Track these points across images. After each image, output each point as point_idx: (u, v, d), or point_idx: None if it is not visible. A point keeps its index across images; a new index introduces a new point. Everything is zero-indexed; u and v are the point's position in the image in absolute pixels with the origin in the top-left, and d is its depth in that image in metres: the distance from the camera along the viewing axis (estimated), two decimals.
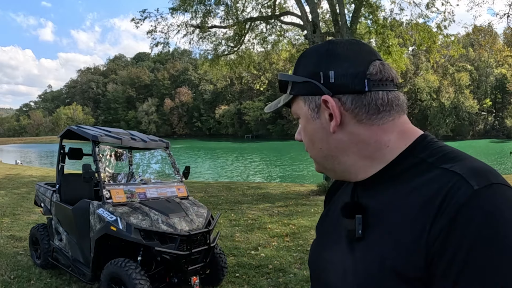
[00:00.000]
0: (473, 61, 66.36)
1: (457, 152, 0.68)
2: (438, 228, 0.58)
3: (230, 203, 9.57)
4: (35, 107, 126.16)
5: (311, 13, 10.67)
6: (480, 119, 65.60)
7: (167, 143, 4.76)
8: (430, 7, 11.64)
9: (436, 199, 0.60)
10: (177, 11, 12.27)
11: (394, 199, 0.68)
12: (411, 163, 0.69)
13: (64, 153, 4.84)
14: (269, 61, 14.57)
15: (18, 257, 5.26)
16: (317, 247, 0.87)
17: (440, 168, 0.65)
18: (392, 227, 0.65)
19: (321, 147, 0.76)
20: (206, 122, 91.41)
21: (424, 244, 0.59)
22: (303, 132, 0.80)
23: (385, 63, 0.74)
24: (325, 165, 0.79)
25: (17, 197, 10.35)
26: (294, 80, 0.77)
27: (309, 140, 0.79)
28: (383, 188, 0.71)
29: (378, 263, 0.65)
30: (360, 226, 0.69)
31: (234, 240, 6.19)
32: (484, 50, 46.02)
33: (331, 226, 0.84)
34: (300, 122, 0.80)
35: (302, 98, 0.76)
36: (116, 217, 3.56)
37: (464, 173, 0.61)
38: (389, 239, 0.65)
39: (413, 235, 0.61)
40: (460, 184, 0.59)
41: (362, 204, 0.72)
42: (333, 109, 0.71)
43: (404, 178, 0.69)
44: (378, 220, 0.68)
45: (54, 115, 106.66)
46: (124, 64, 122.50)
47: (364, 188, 0.75)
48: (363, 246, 0.69)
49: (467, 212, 0.57)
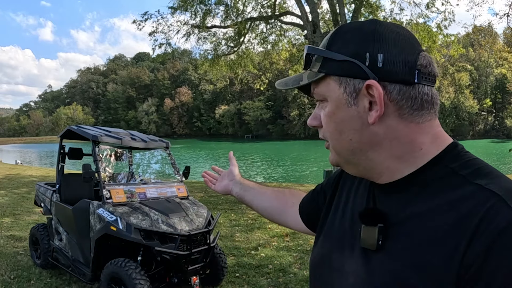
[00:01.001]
0: (473, 61, 66.37)
1: (490, 167, 0.63)
2: (474, 253, 0.53)
3: (230, 203, 9.56)
4: (35, 107, 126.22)
5: (311, 13, 10.67)
6: (480, 119, 65.63)
7: (167, 143, 4.76)
8: (430, 7, 11.65)
9: (472, 220, 0.55)
10: (177, 10, 12.28)
11: (422, 211, 0.62)
12: (442, 172, 0.63)
13: (64, 153, 4.84)
14: (269, 61, 14.57)
15: (18, 257, 5.26)
16: (323, 249, 0.80)
17: (474, 184, 0.59)
18: (419, 242, 0.59)
19: (351, 138, 0.67)
20: (206, 122, 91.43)
21: (456, 268, 0.54)
22: (328, 118, 0.69)
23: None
24: (349, 159, 0.70)
25: (17, 197, 10.35)
26: (331, 57, 0.66)
27: (335, 129, 0.69)
28: (409, 197, 0.65)
29: (400, 280, 0.59)
30: (381, 236, 0.64)
31: (234, 240, 6.19)
32: (484, 50, 46.04)
33: (341, 229, 0.77)
34: (325, 106, 0.70)
35: (337, 79, 0.66)
36: (116, 217, 3.55)
37: (503, 194, 0.56)
38: (414, 255, 0.59)
39: (443, 257, 0.56)
40: (499, 206, 0.54)
41: (383, 212, 0.66)
42: (379, 96, 0.62)
43: (433, 188, 0.63)
44: (401, 231, 0.63)
45: (54, 115, 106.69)
46: (124, 64, 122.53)
47: (385, 192, 0.69)
48: (382, 257, 0.63)
49: (507, 239, 0.52)
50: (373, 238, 0.64)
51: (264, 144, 60.41)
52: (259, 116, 77.42)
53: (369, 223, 0.66)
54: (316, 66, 0.68)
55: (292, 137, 72.57)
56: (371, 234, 0.65)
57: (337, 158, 0.72)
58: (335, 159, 0.73)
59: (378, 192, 0.70)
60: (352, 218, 0.74)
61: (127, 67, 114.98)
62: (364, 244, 0.66)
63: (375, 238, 0.64)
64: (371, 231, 0.65)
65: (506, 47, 16.90)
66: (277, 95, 75.48)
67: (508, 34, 17.12)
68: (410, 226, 0.62)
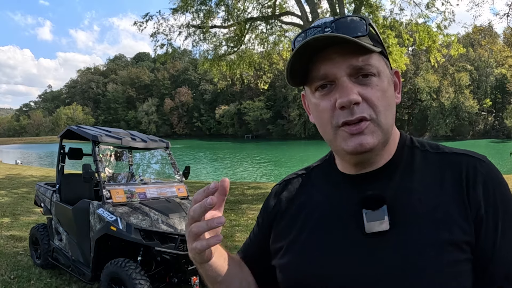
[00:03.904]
0: (473, 61, 66.35)
1: (431, 142, 0.79)
2: (476, 197, 0.67)
3: (230, 203, 9.56)
4: (35, 107, 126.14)
5: (311, 13, 10.67)
6: (480, 119, 65.59)
7: (167, 143, 4.76)
8: (430, 7, 11.65)
9: (461, 177, 0.69)
10: (178, 11, 12.28)
11: (413, 185, 0.71)
12: (412, 152, 0.76)
13: (64, 153, 4.84)
14: (269, 61, 14.57)
15: (18, 257, 5.26)
16: (314, 253, 0.73)
17: (440, 153, 0.74)
18: (428, 206, 0.67)
19: (393, 114, 0.72)
20: (206, 122, 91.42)
21: (469, 210, 0.66)
22: (382, 93, 0.69)
23: None
24: (387, 137, 0.72)
25: (17, 197, 10.35)
26: (380, 40, 0.73)
27: (388, 104, 0.70)
28: (395, 177, 0.72)
29: (431, 241, 0.65)
30: (388, 216, 0.68)
31: (234, 240, 6.19)
32: (484, 50, 46.05)
33: (330, 227, 0.74)
34: (370, 82, 0.68)
35: (384, 59, 0.72)
36: (116, 217, 3.55)
37: (466, 152, 0.73)
38: (431, 217, 0.66)
39: (458, 207, 0.67)
40: (472, 161, 0.71)
41: (382, 195, 0.70)
42: (400, 82, 0.78)
43: (412, 166, 0.74)
44: (403, 205, 0.69)
45: (54, 115, 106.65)
46: (124, 64, 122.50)
47: (370, 181, 0.73)
48: (400, 231, 0.67)
49: (492, 179, 0.69)
50: (382, 219, 0.68)
51: (263, 144, 60.36)
52: (259, 116, 77.40)
53: (374, 207, 0.69)
54: (365, 40, 0.68)
55: (292, 137, 72.53)
56: (379, 216, 0.68)
57: (380, 137, 0.69)
58: (378, 138, 0.69)
59: (357, 182, 0.74)
60: (339, 217, 0.73)
61: (127, 67, 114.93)
62: (373, 228, 0.68)
63: (386, 219, 0.67)
64: (378, 214, 0.68)
65: (506, 47, 16.89)
66: (277, 95, 75.48)
67: (508, 34, 17.11)
68: (408, 198, 0.69)
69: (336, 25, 0.68)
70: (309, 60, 0.69)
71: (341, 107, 0.67)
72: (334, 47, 0.66)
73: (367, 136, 0.67)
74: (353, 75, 0.67)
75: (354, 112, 0.66)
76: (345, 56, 0.66)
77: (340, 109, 0.67)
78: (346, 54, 0.66)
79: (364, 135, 0.67)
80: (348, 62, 0.67)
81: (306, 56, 0.68)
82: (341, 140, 0.69)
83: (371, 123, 0.67)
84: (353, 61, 0.66)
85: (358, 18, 0.69)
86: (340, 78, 0.67)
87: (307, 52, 0.67)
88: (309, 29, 0.71)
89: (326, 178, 0.81)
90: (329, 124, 0.70)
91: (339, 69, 0.67)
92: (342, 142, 0.69)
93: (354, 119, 0.66)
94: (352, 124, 0.67)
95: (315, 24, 0.71)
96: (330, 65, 0.67)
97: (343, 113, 0.67)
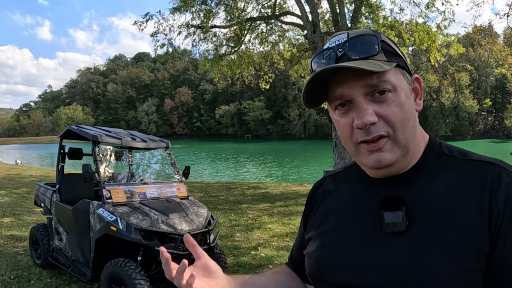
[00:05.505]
0: (473, 61, 66.38)
1: (460, 147, 0.78)
2: (497, 205, 0.66)
3: (230, 203, 9.56)
4: (35, 107, 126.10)
5: (311, 13, 10.66)
6: (480, 119, 65.62)
7: (167, 143, 4.76)
8: (430, 7, 11.64)
9: (485, 184, 0.68)
10: (178, 11, 12.27)
11: (435, 190, 0.72)
12: (438, 158, 0.76)
13: (64, 153, 4.84)
14: (270, 61, 14.56)
15: (18, 257, 5.26)
16: (337, 245, 0.79)
17: (467, 160, 0.74)
18: (447, 212, 0.68)
19: (413, 124, 0.73)
20: (206, 122, 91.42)
21: (486, 220, 0.66)
22: (400, 108, 0.70)
23: None
24: (408, 149, 0.73)
25: (17, 197, 10.35)
26: (397, 52, 0.73)
27: (405, 118, 0.70)
28: (418, 182, 0.74)
29: (444, 247, 0.66)
30: (406, 218, 0.70)
31: (234, 240, 6.19)
32: (484, 50, 46.04)
33: (347, 228, 0.79)
34: (386, 99, 0.69)
35: (401, 70, 0.73)
36: (116, 217, 3.55)
37: (493, 161, 0.72)
38: (449, 223, 0.67)
39: (477, 216, 0.66)
40: (497, 170, 0.70)
41: (402, 197, 0.72)
42: (422, 87, 0.78)
43: (436, 171, 0.74)
44: (422, 209, 0.70)
45: (54, 115, 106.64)
46: (124, 64, 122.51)
47: (397, 183, 0.75)
48: (415, 234, 0.69)
49: None
50: (399, 221, 0.70)
51: (263, 144, 60.33)
52: (259, 116, 77.42)
53: (393, 209, 0.71)
54: (379, 58, 0.70)
55: (292, 137, 72.53)
56: (397, 218, 0.71)
57: (399, 153, 0.71)
58: (397, 154, 0.71)
59: (382, 184, 0.77)
60: (361, 216, 0.78)
61: (127, 67, 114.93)
62: (391, 229, 0.71)
63: (403, 220, 0.70)
64: (396, 216, 0.71)
65: (506, 47, 16.89)
66: (277, 95, 75.48)
67: (508, 34, 17.10)
68: (428, 203, 0.71)
69: (350, 44, 0.70)
70: (324, 84, 0.73)
71: (358, 128, 0.70)
72: (348, 69, 0.69)
73: (385, 153, 0.71)
74: (369, 94, 0.70)
75: (370, 132, 0.70)
76: (359, 77, 0.69)
77: (357, 129, 0.71)
78: (360, 75, 0.68)
79: (382, 152, 0.71)
80: (362, 81, 0.69)
81: (322, 80, 0.72)
82: (362, 155, 0.74)
83: (389, 140, 0.70)
84: (368, 80, 0.69)
85: (370, 35, 0.71)
86: (356, 99, 0.70)
87: (322, 76, 0.71)
88: (325, 50, 0.74)
89: (354, 179, 0.86)
90: (350, 140, 0.74)
91: (355, 90, 0.69)
92: (363, 158, 0.74)
93: (370, 138, 0.70)
94: (370, 142, 0.71)
95: (329, 46, 0.73)
96: (346, 87, 0.70)
97: (361, 133, 0.71)
